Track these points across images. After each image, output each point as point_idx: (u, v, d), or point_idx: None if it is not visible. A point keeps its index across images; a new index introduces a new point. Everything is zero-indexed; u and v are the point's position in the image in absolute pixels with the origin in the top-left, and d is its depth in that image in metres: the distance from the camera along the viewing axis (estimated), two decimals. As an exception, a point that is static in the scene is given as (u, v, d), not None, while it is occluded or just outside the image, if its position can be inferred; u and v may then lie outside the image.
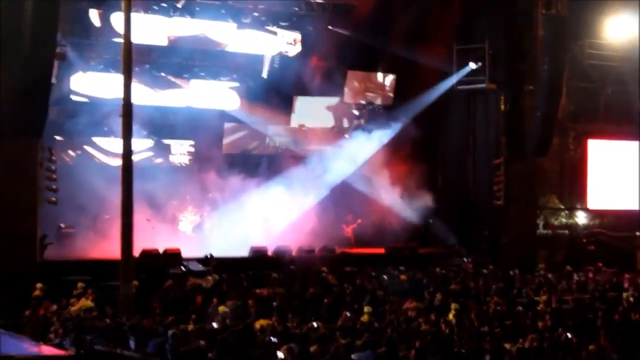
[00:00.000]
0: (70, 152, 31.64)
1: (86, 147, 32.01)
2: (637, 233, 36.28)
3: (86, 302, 19.77)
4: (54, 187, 26.43)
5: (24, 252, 23.97)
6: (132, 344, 15.85)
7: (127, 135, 21.72)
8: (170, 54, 32.44)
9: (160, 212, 30.38)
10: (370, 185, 33.72)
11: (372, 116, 35.60)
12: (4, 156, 23.81)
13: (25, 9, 23.15)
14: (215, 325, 17.53)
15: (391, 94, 35.49)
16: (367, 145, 34.20)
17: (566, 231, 36.69)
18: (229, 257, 27.36)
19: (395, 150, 34.07)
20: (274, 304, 21.01)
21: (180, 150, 33.68)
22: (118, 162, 23.20)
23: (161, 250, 26.44)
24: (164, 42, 31.81)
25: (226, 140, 34.05)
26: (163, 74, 32.61)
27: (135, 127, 22.26)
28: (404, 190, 33.05)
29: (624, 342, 17.39)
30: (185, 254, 26.63)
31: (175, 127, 33.34)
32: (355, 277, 25.19)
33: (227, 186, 31.81)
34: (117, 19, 29.00)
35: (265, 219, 31.44)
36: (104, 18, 30.21)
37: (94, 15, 30.22)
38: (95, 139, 31.99)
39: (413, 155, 34.06)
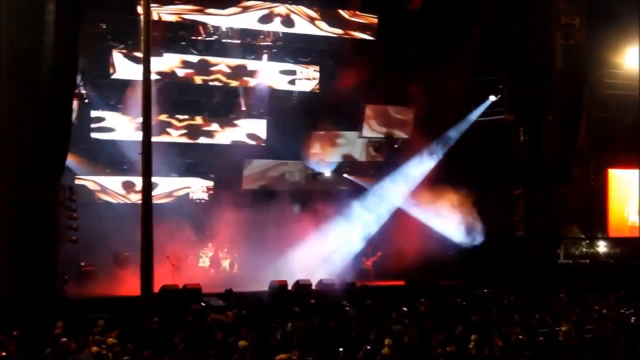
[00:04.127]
0: (90, 191, 31.87)
1: (106, 186, 32.26)
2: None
3: (109, 339, 19.78)
4: (75, 225, 26.59)
5: (45, 291, 24.01)
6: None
7: (146, 174, 21.88)
8: (189, 92, 32.74)
9: (181, 248, 30.48)
10: (389, 218, 33.68)
11: (391, 149, 35.66)
12: (25, 196, 23.82)
13: (44, 50, 23.35)
14: (235, 360, 17.53)
15: (410, 128, 35.52)
16: (386, 179, 34.29)
17: (587, 260, 36.50)
18: (249, 292, 27.45)
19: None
20: (295, 337, 20.96)
21: (200, 187, 33.83)
22: (138, 199, 23.34)
23: (181, 286, 26.49)
24: (183, 80, 32.07)
25: (246, 176, 34.19)
26: (182, 111, 32.87)
27: (154, 165, 22.40)
28: (423, 222, 32.96)
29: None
30: (205, 289, 26.67)
31: (195, 163, 33.59)
32: (376, 310, 25.12)
33: (246, 221, 31.87)
34: (136, 59, 29.28)
35: (285, 253, 31.49)
36: (124, 58, 30.54)
37: (113, 55, 30.55)
38: (115, 178, 32.26)
39: (432, 186, 34.01)
